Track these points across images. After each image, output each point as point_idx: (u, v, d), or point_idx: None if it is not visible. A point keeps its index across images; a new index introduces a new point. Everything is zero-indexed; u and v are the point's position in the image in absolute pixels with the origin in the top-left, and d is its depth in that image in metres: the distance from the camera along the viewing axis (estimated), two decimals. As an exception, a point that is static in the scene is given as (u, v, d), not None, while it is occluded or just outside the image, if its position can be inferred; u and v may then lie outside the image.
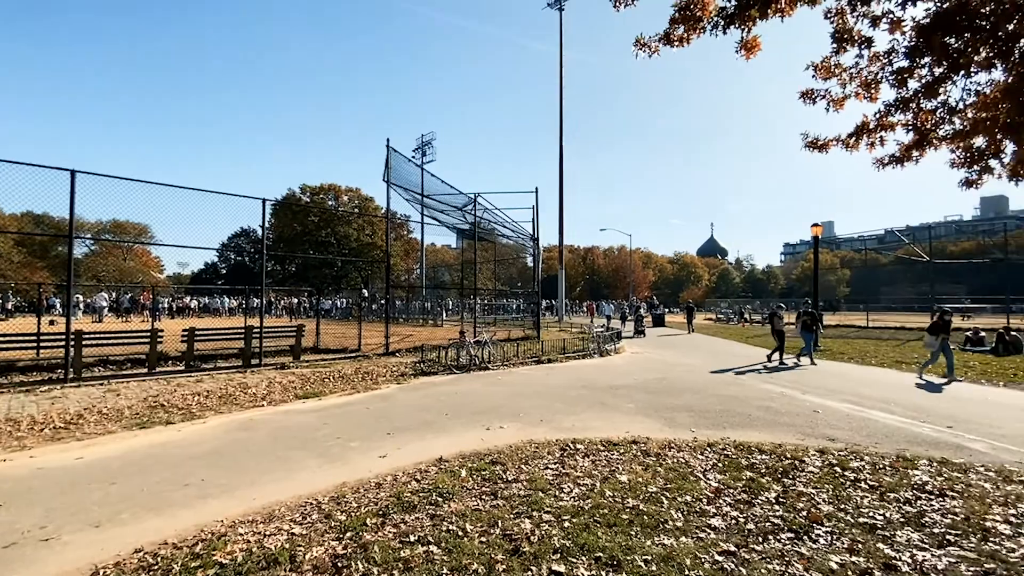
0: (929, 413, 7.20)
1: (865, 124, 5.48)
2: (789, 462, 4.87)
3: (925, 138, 5.52)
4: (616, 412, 7.26)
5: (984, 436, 5.97)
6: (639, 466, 4.73)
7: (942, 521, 3.56)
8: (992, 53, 4.86)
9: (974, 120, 5.31)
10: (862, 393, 8.77)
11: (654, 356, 14.72)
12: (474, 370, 10.95)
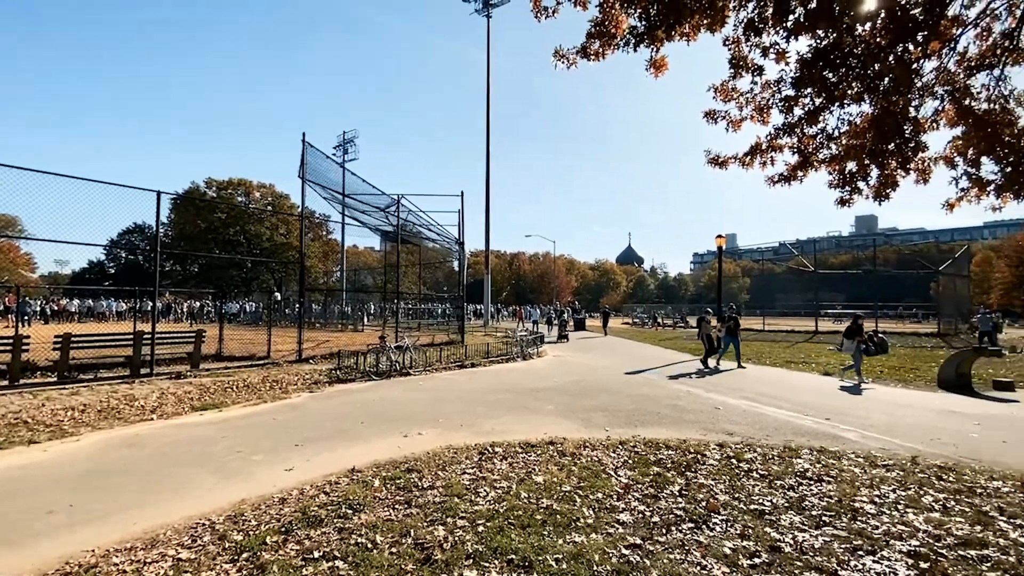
0: (812, 407, 8.01)
1: (758, 145, 6.01)
2: (692, 456, 5.20)
3: (808, 160, 6.17)
4: (536, 414, 7.37)
5: (855, 426, 6.75)
6: (555, 466, 4.82)
7: (819, 504, 3.96)
8: (862, 88, 5.53)
9: (847, 146, 6.00)
10: (757, 390, 9.60)
11: (575, 359, 15.17)
12: (395, 376, 10.65)
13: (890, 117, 5.45)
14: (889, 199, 5.67)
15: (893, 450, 5.58)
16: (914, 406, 8.32)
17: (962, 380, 10.26)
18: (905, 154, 5.58)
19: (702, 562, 3.04)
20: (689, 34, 4.63)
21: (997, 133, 5.73)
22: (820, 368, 13.05)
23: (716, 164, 6.30)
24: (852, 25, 4.85)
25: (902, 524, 3.57)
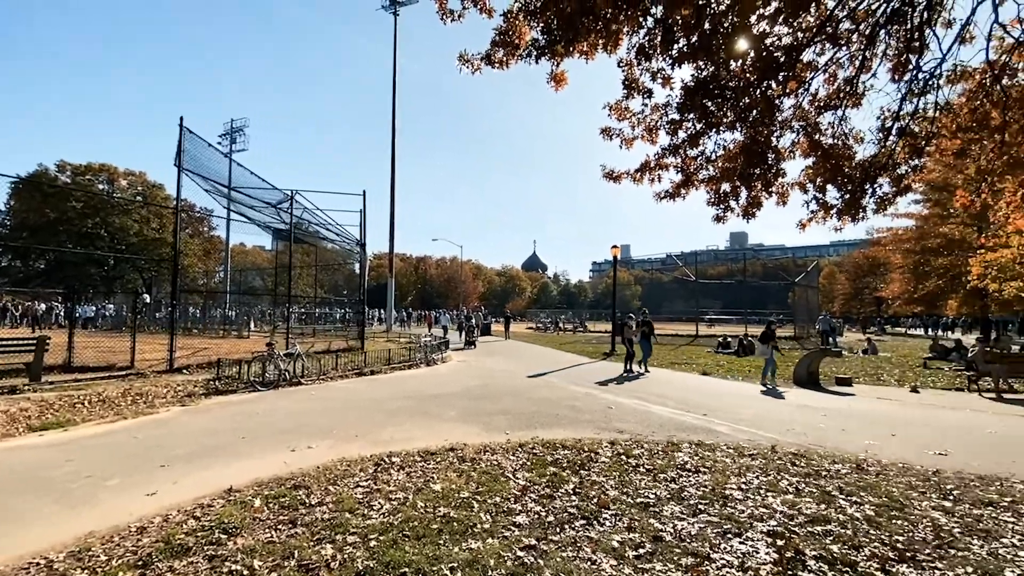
0: (692, 404, 8.76)
1: (647, 163, 6.47)
2: (587, 455, 5.42)
3: (690, 179, 6.75)
4: (437, 420, 7.24)
5: (728, 421, 7.48)
6: (454, 473, 4.75)
7: (696, 494, 4.31)
8: (735, 117, 6.17)
9: (722, 169, 6.66)
10: (646, 390, 10.30)
11: (479, 364, 15.20)
12: (284, 386, 9.89)
13: (757, 145, 6.16)
14: (755, 217, 6.38)
15: (758, 441, 6.26)
16: (775, 400, 9.45)
17: (812, 377, 11.85)
18: (768, 178, 6.33)
19: (592, 557, 3.16)
20: (587, 52, 4.86)
21: (840, 165, 6.70)
22: (699, 368, 14.33)
23: (611, 178, 6.68)
24: (727, 60, 5.41)
25: (763, 507, 4.00)
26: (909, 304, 31.49)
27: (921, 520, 3.73)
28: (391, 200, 31.09)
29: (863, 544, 3.34)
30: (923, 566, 3.06)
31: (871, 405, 9.11)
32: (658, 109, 6.24)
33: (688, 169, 6.70)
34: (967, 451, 5.91)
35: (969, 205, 7.35)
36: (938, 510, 3.95)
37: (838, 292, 56.31)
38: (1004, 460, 5.52)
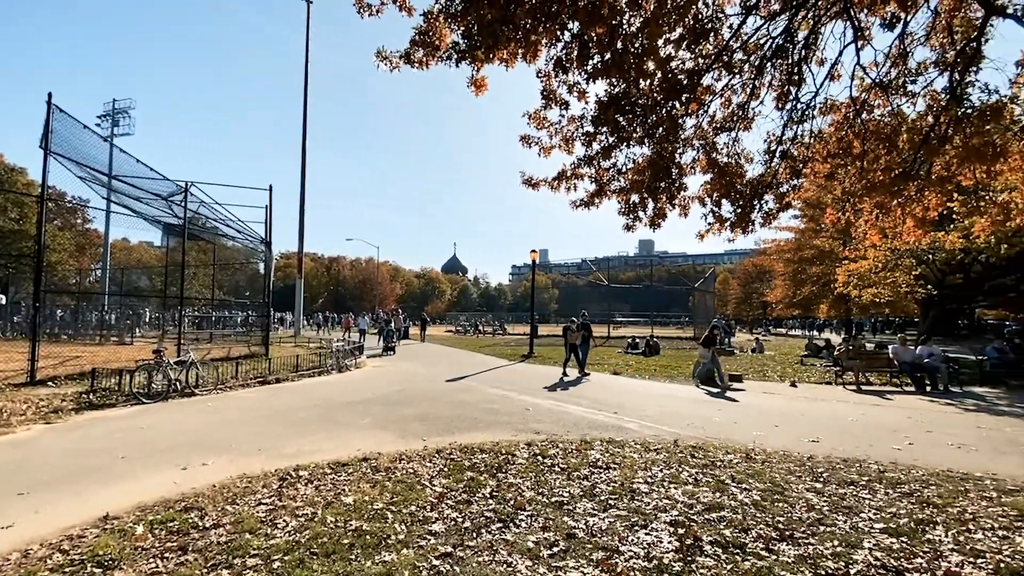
0: (604, 403, 9.17)
1: (564, 172, 6.69)
2: (504, 457, 5.47)
3: (603, 190, 7.07)
4: (350, 429, 6.94)
5: (636, 418, 7.92)
6: (367, 484, 4.58)
7: (607, 490, 4.51)
8: (643, 133, 6.55)
9: (632, 181, 7.05)
10: (563, 391, 10.62)
11: (396, 368, 14.80)
12: (175, 397, 8.96)
13: (662, 160, 6.60)
14: (660, 227, 6.83)
15: (662, 436, 6.69)
16: (677, 397, 10.16)
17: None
18: (672, 191, 6.81)
19: (508, 560, 3.19)
20: (508, 60, 4.94)
21: (733, 182, 7.36)
22: (611, 368, 15.04)
23: (530, 185, 6.83)
24: (637, 79, 5.74)
25: (667, 498, 4.28)
26: (789, 307, 35.40)
27: (798, 501, 4.19)
28: (301, 195, 29.38)
29: (751, 527, 3.68)
30: (799, 542, 3.44)
31: (758, 399, 10.10)
32: (574, 121, 6.48)
33: (601, 180, 7.02)
34: (834, 437, 6.74)
35: (836, 222, 8.41)
36: (811, 491, 4.46)
37: (731, 297, 61.81)
38: (862, 444, 6.37)
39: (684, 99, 5.98)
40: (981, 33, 6.02)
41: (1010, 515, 3.86)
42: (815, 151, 7.50)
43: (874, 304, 19.90)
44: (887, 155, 7.02)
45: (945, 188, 6.93)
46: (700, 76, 6.07)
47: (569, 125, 6.54)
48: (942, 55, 6.75)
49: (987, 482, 4.75)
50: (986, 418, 8.25)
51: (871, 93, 7.18)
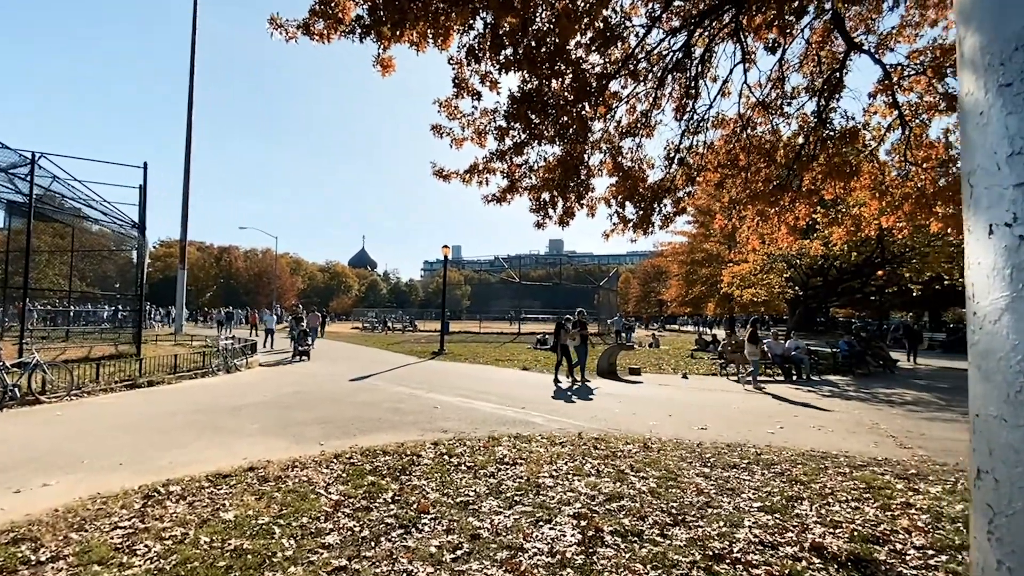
0: (513, 399, 9.22)
1: (476, 166, 6.58)
2: (409, 458, 5.25)
3: (515, 186, 7.06)
4: (236, 437, 6.29)
5: (543, 412, 8.04)
6: (253, 496, 4.14)
7: (513, 486, 4.48)
8: (554, 133, 6.63)
9: (543, 179, 7.13)
10: (471, 387, 10.53)
11: (293, 368, 13.80)
12: (12, 406, 7.57)
13: (572, 160, 6.74)
14: (569, 225, 6.97)
15: (568, 429, 6.85)
16: (583, 390, 10.51)
17: (612, 368, 13.52)
18: (581, 191, 6.98)
19: (409, 568, 3.02)
20: (418, 44, 4.71)
21: (636, 185, 7.71)
22: (520, 364, 15.25)
23: (441, 177, 6.64)
24: (549, 77, 5.79)
25: (571, 491, 4.35)
26: (682, 305, 38.43)
27: (689, 486, 4.46)
28: (185, 174, 26.36)
29: (648, 514, 3.84)
30: (690, 526, 3.64)
31: (655, 391, 10.76)
32: (487, 114, 6.40)
33: (513, 176, 7.01)
34: (720, 425, 7.33)
35: (724, 227, 9.16)
36: (701, 476, 4.77)
37: (632, 295, 65.78)
38: (743, 430, 6.99)
39: (593, 101, 6.13)
40: (843, 66, 6.84)
41: (860, 488, 4.41)
42: (707, 161, 8.09)
43: (752, 303, 22.18)
44: (767, 168, 7.74)
45: (812, 200, 7.80)
46: (609, 80, 6.26)
47: (482, 118, 6.44)
48: (811, 82, 7.56)
49: (841, 459, 5.41)
50: (838, 402, 9.48)
51: (755, 111, 7.88)
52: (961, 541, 3.29)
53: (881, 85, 6.83)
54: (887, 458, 5.46)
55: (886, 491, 4.30)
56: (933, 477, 4.68)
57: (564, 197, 6.91)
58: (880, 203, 7.69)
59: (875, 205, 7.71)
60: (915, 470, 4.93)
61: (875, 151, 7.61)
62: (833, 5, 5.75)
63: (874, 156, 7.55)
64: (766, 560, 3.12)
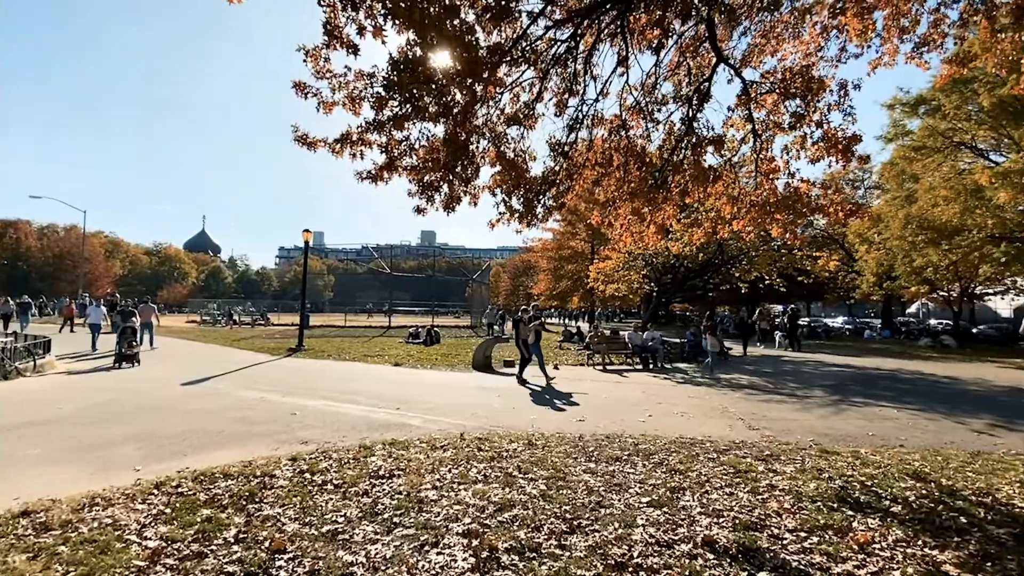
0: (386, 398, 8.48)
1: (349, 135, 5.76)
2: (259, 480, 4.35)
3: (393, 163, 6.36)
4: (8, 467, 4.69)
5: (420, 412, 7.46)
6: (24, 555, 2.99)
7: (391, 504, 3.90)
8: (440, 109, 6.09)
9: (426, 159, 6.55)
10: (337, 388, 9.51)
11: (109, 373, 11.21)
12: None
13: (458, 142, 6.25)
14: (455, 211, 6.52)
15: (448, 430, 6.39)
16: (459, 387, 10.13)
17: (487, 361, 13.36)
18: (468, 176, 6.54)
19: (258, 636, 2.33)
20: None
21: (520, 176, 7.52)
22: (392, 360, 14.36)
23: (305, 144, 5.69)
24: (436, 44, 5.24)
25: (457, 504, 3.91)
26: (550, 299, 40.24)
27: (579, 485, 4.32)
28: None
29: (543, 522, 3.57)
30: (587, 531, 3.45)
31: (530, 383, 10.80)
32: (363, 77, 5.61)
33: (392, 152, 6.31)
34: (596, 415, 7.49)
35: (600, 223, 9.43)
36: (588, 473, 4.68)
37: (502, 289, 67.31)
38: (617, 419, 7.21)
39: (483, 78, 5.71)
40: (710, 78, 7.35)
41: (730, 473, 4.67)
42: (586, 158, 8.22)
43: (613, 297, 23.86)
44: (639, 170, 8.09)
45: (679, 202, 8.34)
46: (501, 59, 5.89)
47: (357, 82, 5.64)
48: (678, 92, 8.05)
49: (707, 444, 5.77)
50: (691, 388, 10.42)
51: (631, 114, 8.18)
52: (824, 521, 3.57)
53: (740, 99, 7.47)
54: (743, 440, 5.97)
55: (751, 474, 4.61)
56: (784, 457, 5.18)
57: (450, 181, 6.40)
58: (732, 208, 8.51)
59: (728, 209, 8.51)
60: (768, 451, 5.43)
61: (730, 160, 8.37)
62: (709, 13, 6.07)
63: (731, 164, 8.31)
64: (665, 562, 3.03)
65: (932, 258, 17.70)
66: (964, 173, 17.62)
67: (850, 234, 24.11)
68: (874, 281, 22.66)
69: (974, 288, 26.28)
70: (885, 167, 21.56)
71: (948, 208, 16.74)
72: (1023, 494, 4.11)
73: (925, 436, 6.32)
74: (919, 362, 16.20)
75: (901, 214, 18.43)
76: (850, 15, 6.00)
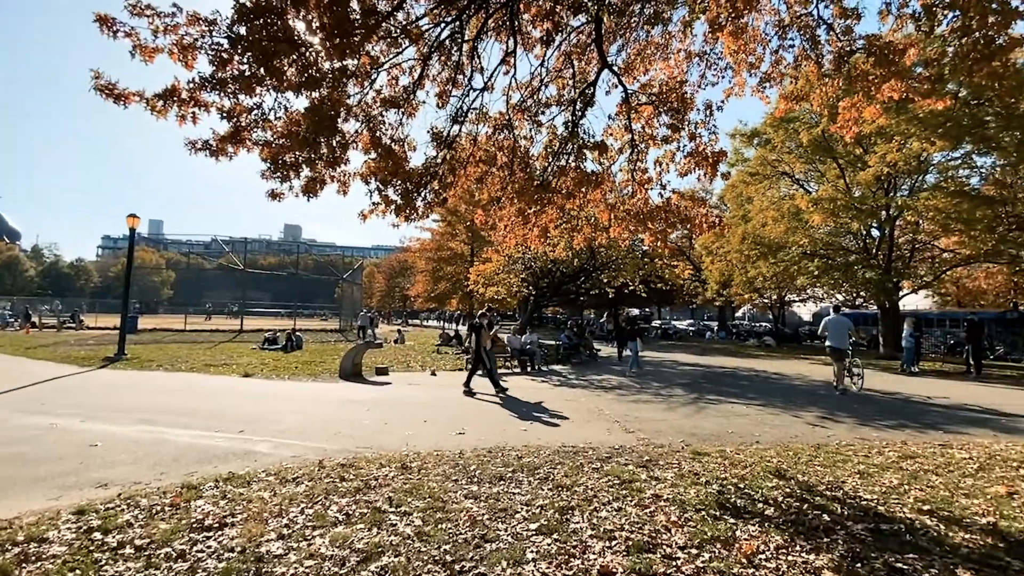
0: (228, 418, 7.10)
1: (177, 90, 4.57)
2: (18, 551, 3.10)
3: (240, 134, 5.26)
4: None
5: (269, 435, 6.30)
6: None
7: (217, 570, 2.98)
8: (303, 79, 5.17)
9: (284, 134, 5.52)
10: (164, 407, 7.79)
11: None
12: None
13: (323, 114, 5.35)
14: (317, 197, 5.62)
15: (305, 456, 5.42)
16: (322, 400, 8.98)
17: (356, 369, 12.20)
18: (334, 158, 5.65)
19: None
20: None
21: (399, 166, 6.80)
22: (240, 369, 12.45)
23: (110, 95, 4.37)
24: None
25: (310, 558, 3.13)
26: (428, 301, 39.16)
27: (460, 516, 3.78)
28: None
29: (419, 571, 2.97)
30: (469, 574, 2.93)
31: (405, 391, 10.02)
32: (198, 22, 4.48)
33: (240, 121, 5.19)
34: (476, 426, 7.02)
35: (484, 223, 9.04)
36: (470, 498, 4.16)
37: (376, 290, 64.29)
38: (498, 429, 6.83)
39: (355, 44, 4.92)
40: (595, 82, 7.37)
41: (615, 484, 4.50)
42: (470, 154, 7.78)
43: (492, 300, 23.82)
44: (523, 171, 7.86)
45: (563, 205, 8.28)
46: (377, 23, 5.14)
47: (190, 27, 4.48)
48: (562, 96, 8.00)
49: (589, 452, 5.62)
50: (568, 391, 10.51)
51: (516, 113, 7.93)
52: (711, 532, 3.48)
53: (621, 108, 7.61)
54: (622, 445, 5.95)
55: (635, 484, 4.49)
56: (662, 462, 5.20)
57: (311, 161, 5.46)
58: (609, 215, 8.69)
59: (605, 216, 8.67)
60: (647, 456, 5.43)
61: (610, 168, 8.55)
62: (598, 12, 5.99)
63: (609, 173, 8.47)
64: (562, 608, 2.63)
65: (762, 270, 20.49)
66: (787, 198, 20.76)
67: (698, 246, 27.06)
68: (716, 288, 25.67)
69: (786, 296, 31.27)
70: (727, 188, 24.59)
71: (775, 227, 19.51)
72: (864, 485, 4.54)
73: (774, 431, 6.93)
74: (751, 360, 18.59)
75: (739, 230, 21.07)
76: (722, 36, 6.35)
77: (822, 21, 6.26)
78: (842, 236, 20.41)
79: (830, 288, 22.83)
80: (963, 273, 24.35)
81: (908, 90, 6.00)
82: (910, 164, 16.57)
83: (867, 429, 7.11)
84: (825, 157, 19.03)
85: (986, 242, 15.76)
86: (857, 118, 6.69)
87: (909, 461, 5.34)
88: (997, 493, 4.39)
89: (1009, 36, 5.02)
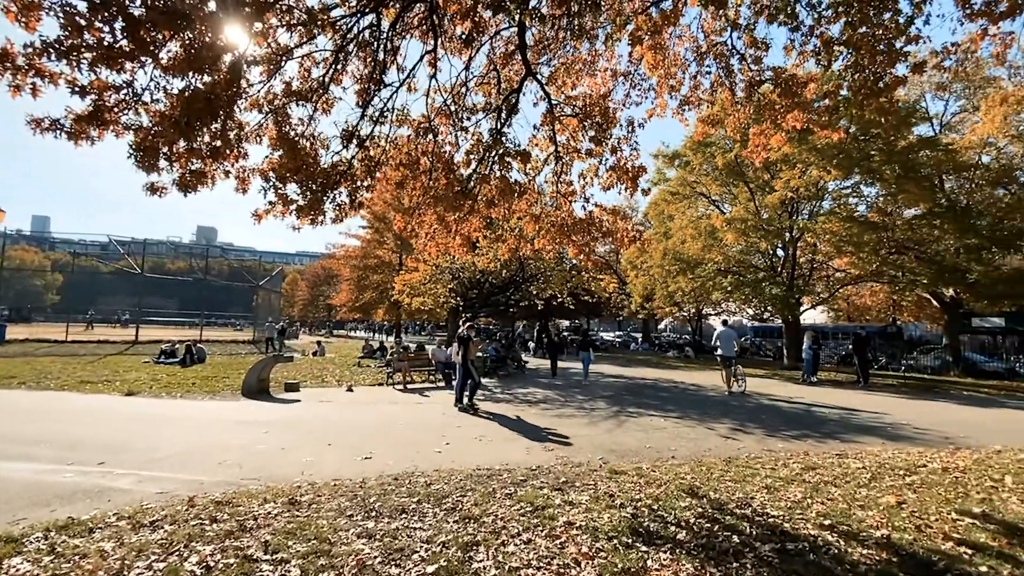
0: (87, 446, 6.07)
1: (9, 55, 3.81)
2: None
3: (103, 117, 4.51)
4: None
5: (138, 467, 5.41)
6: None
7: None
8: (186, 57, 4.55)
9: (161, 120, 4.82)
10: (9, 434, 6.55)
11: None
12: None
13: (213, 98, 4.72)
14: (197, 192, 4.92)
15: (175, 492, 4.65)
16: (215, 422, 8.01)
17: (262, 386, 11.15)
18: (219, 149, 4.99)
19: None
20: None
21: (306, 164, 6.23)
22: (125, 387, 10.96)
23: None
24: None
25: (144, 631, 2.53)
26: (353, 311, 37.43)
27: (347, 561, 3.29)
28: None
29: (281, 641, 2.48)
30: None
31: (314, 410, 9.23)
32: (43, -24, 3.76)
33: (102, 100, 4.43)
34: (386, 449, 6.48)
35: (403, 230, 8.56)
36: (363, 537, 3.68)
37: (299, 298, 60.86)
38: (411, 451, 6.34)
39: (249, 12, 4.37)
40: (519, 89, 7.20)
41: (527, 512, 4.18)
42: (390, 156, 7.35)
43: (419, 311, 23.12)
44: (446, 177, 7.52)
45: (486, 214, 8.01)
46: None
47: (31, -19, 3.74)
48: (488, 101, 7.78)
49: (504, 475, 5.29)
50: (492, 406, 10.17)
51: (440, 117, 7.61)
52: (621, 564, 3.26)
53: (545, 118, 7.49)
54: (539, 466, 5.68)
55: (548, 510, 4.21)
56: (579, 484, 4.98)
57: (192, 151, 4.79)
58: (534, 227, 8.54)
59: (531, 228, 8.51)
60: (564, 478, 5.19)
61: (534, 179, 8.40)
62: (521, 16, 5.81)
63: (534, 184, 8.32)
64: (449, 677, 2.25)
65: (681, 285, 21.43)
66: (704, 217, 21.94)
67: (624, 260, 27.95)
68: (640, 302, 26.56)
69: (704, 309, 33.08)
70: (651, 206, 25.63)
71: (693, 244, 20.50)
72: (771, 501, 4.56)
73: (689, 445, 6.98)
74: (671, 371, 19.25)
75: (661, 246, 21.95)
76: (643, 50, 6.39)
77: (735, 51, 6.48)
78: (752, 255, 21.84)
79: (741, 303, 24.35)
80: (852, 291, 26.95)
81: (809, 121, 6.36)
82: (810, 190, 18.12)
83: (774, 440, 7.37)
84: (738, 180, 20.34)
85: (871, 263, 17.50)
86: (765, 144, 6.99)
87: (811, 473, 5.50)
88: (888, 504, 4.56)
89: (892, 75, 5.43)
